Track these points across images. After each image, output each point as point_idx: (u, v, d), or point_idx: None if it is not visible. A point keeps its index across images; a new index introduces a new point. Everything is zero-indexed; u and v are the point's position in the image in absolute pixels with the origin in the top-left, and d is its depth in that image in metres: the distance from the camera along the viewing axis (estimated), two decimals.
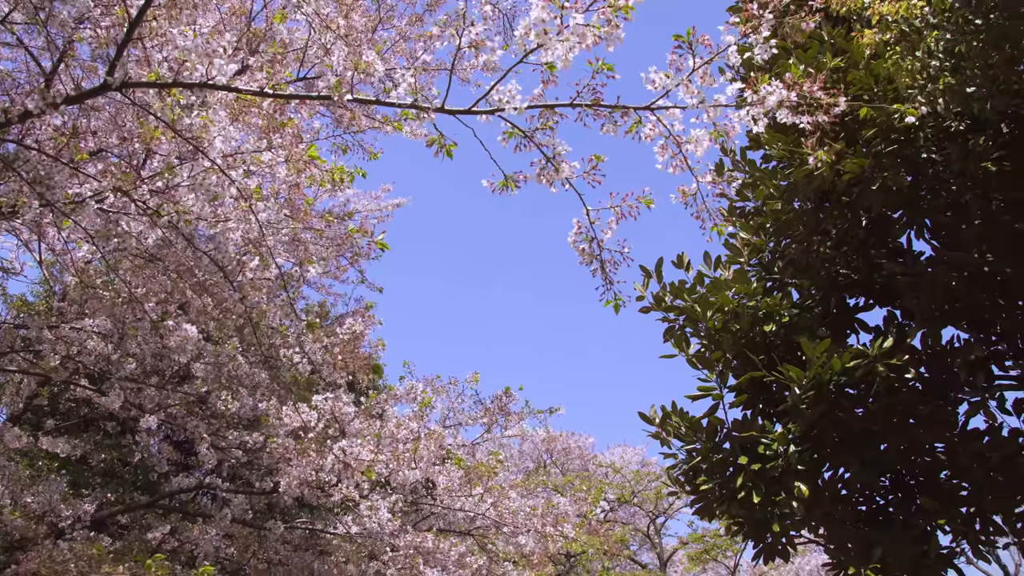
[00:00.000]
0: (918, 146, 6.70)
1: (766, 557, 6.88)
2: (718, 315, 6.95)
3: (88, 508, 9.12)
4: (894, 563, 6.29)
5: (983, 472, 6.52)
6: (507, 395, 13.02)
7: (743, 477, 6.31)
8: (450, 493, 9.83)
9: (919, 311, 6.70)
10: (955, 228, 6.85)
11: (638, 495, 25.01)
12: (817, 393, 6.03)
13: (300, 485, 8.65)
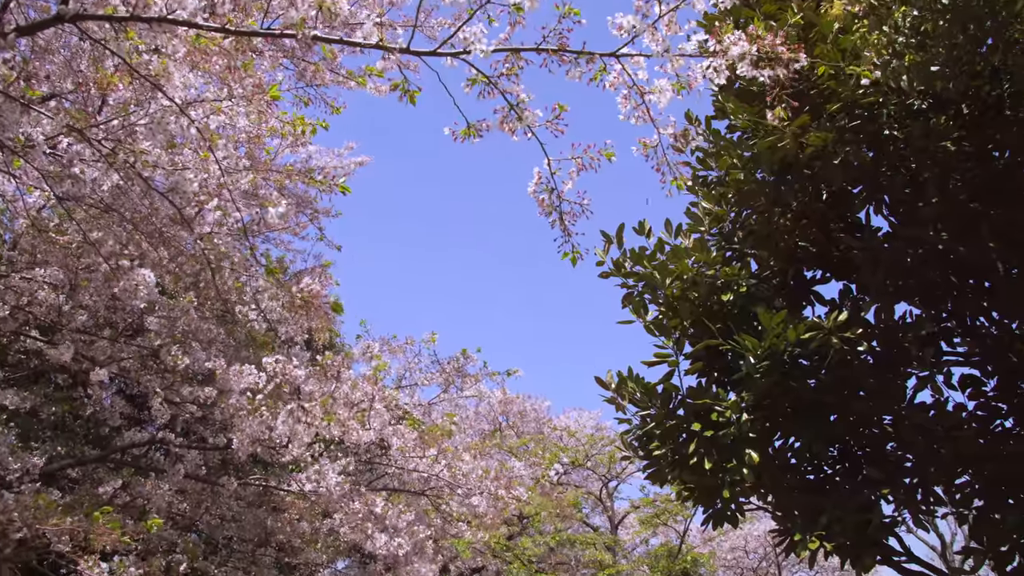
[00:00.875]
0: (880, 123, 6.76)
1: (715, 522, 6.99)
2: (677, 283, 6.99)
3: (37, 461, 8.98)
4: (838, 530, 6.42)
5: (927, 445, 6.66)
6: (464, 356, 13.04)
7: (695, 444, 6.39)
8: (404, 454, 9.81)
9: (874, 286, 6.79)
10: (913, 205, 6.93)
11: (592, 459, 25.23)
12: (771, 363, 6.10)
13: (253, 443, 8.60)
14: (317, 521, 10.95)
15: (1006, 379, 7.31)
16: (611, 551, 24.63)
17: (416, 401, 13.01)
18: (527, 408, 28.10)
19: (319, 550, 12.76)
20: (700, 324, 7.00)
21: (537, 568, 22.32)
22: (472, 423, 26.96)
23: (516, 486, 10.57)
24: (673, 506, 23.75)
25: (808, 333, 6.16)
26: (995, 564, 6.66)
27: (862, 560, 6.59)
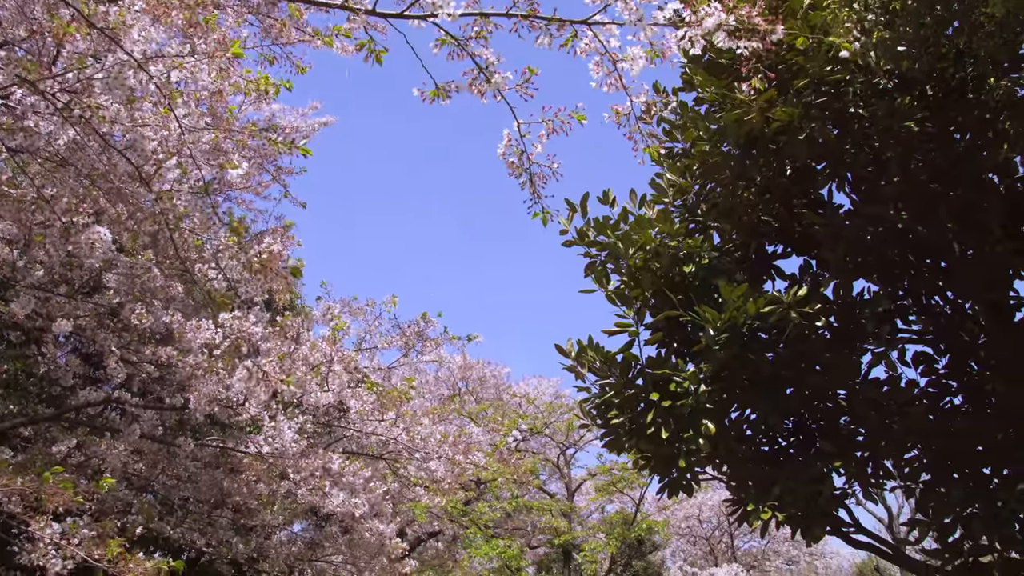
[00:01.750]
0: (846, 100, 6.80)
1: (671, 491, 7.08)
2: (639, 253, 7.01)
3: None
4: (790, 501, 6.54)
5: (879, 420, 6.79)
6: (425, 320, 12.97)
7: (653, 413, 6.44)
8: (363, 417, 9.79)
9: (834, 262, 6.87)
10: (875, 183, 7.00)
11: (550, 426, 25.41)
12: (730, 335, 6.15)
13: (210, 403, 8.52)
14: (274, 483, 10.92)
15: (957, 358, 7.46)
16: (567, 518, 24.90)
17: (376, 364, 12.94)
18: (487, 374, 28.17)
19: (276, 512, 12.74)
20: (661, 295, 7.04)
21: (493, 533, 22.52)
22: (432, 388, 26.99)
23: (474, 451, 10.62)
24: (629, 474, 24.01)
25: (768, 307, 6.22)
26: (938, 536, 6.83)
27: (812, 530, 6.73)
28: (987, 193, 6.76)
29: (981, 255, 6.84)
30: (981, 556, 6.83)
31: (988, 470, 6.89)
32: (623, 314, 6.91)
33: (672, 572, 42.17)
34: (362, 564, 13.50)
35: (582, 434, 25.42)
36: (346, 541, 13.55)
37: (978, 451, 6.83)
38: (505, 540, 21.56)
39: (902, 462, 7.14)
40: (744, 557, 45.57)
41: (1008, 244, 6.84)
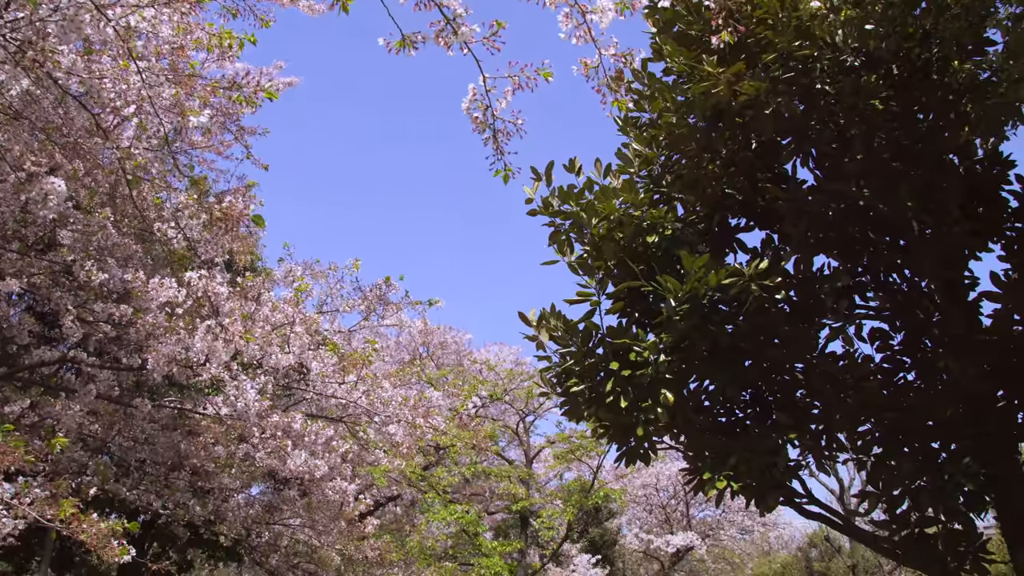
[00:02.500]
0: (813, 76, 6.83)
1: (628, 459, 7.14)
2: (603, 223, 7.01)
3: None
4: (745, 471, 6.63)
5: (834, 393, 6.90)
6: (387, 284, 12.90)
7: (613, 382, 6.48)
8: (323, 379, 9.72)
9: (795, 237, 6.93)
10: (838, 160, 7.06)
11: (510, 393, 25.51)
12: (691, 307, 6.18)
13: (169, 363, 8.42)
14: (232, 446, 10.85)
15: (912, 334, 7.60)
16: (525, 484, 25.09)
17: (337, 327, 12.86)
18: (448, 340, 28.18)
19: (234, 475, 12.69)
20: (624, 265, 7.06)
21: (451, 498, 22.64)
22: (392, 353, 26.94)
23: (434, 416, 10.60)
24: (588, 442, 24.20)
25: (729, 279, 6.26)
26: (887, 507, 6.98)
27: (766, 500, 6.84)
28: (947, 174, 6.85)
29: (939, 234, 6.94)
30: (927, 527, 7.01)
31: (937, 444, 7.05)
32: (585, 283, 6.92)
33: (628, 539, 42.80)
34: (320, 527, 13.51)
35: (541, 402, 25.55)
36: (304, 504, 13.54)
37: (928, 426, 6.97)
38: (463, 505, 21.69)
39: (855, 435, 7.27)
40: (699, 526, 46.35)
41: (965, 224, 6.94)
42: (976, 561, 6.92)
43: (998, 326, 6.93)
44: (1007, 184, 7.31)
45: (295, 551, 14.93)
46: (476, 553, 21.36)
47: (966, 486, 6.36)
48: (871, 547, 7.56)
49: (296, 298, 8.90)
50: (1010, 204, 7.32)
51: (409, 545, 19.33)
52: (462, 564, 21.49)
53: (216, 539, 16.58)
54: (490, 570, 20.16)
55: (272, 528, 13.92)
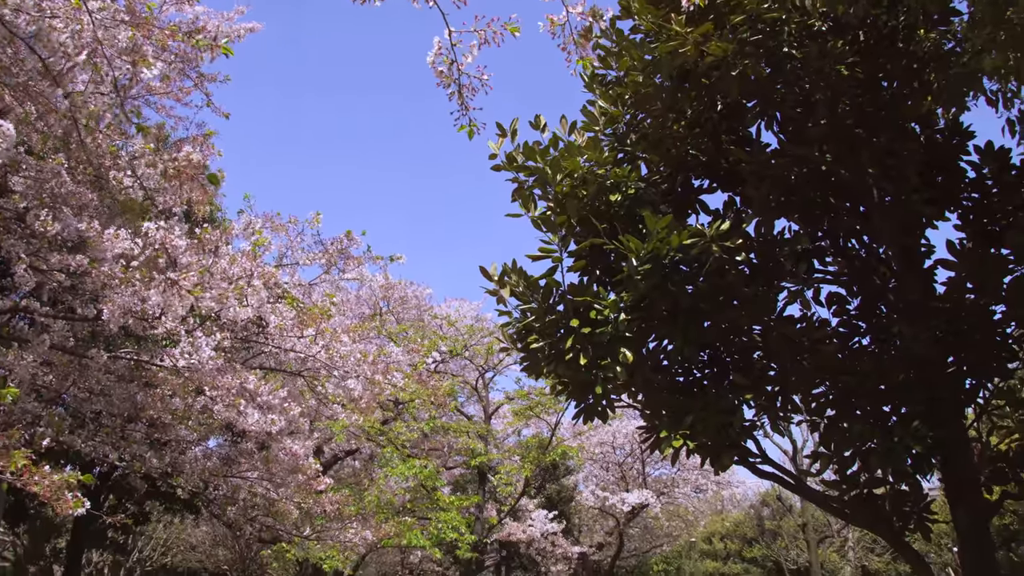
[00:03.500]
0: (781, 39, 6.81)
1: (586, 417, 7.19)
2: (567, 180, 6.98)
3: None
4: (701, 430, 6.71)
5: (791, 356, 6.99)
6: (348, 238, 12.80)
7: (573, 339, 6.50)
8: (282, 333, 9.62)
9: (757, 199, 6.96)
10: (802, 124, 7.08)
11: (470, 349, 25.56)
12: (652, 266, 6.20)
13: (124, 315, 8.29)
14: (190, 398, 10.76)
15: (868, 300, 7.71)
16: (484, 440, 25.26)
17: (296, 281, 12.75)
18: (408, 295, 28.08)
19: (191, 427, 12.61)
20: (586, 222, 7.05)
21: (410, 453, 22.73)
22: (353, 307, 26.80)
23: (393, 371, 10.57)
24: (546, 399, 24.38)
25: (690, 240, 6.28)
26: (838, 468, 7.13)
27: (721, 459, 6.94)
28: (908, 142, 6.91)
29: (898, 202, 7.01)
30: (875, 488, 7.18)
31: (888, 408, 7.19)
32: (548, 240, 6.91)
33: (584, 496, 43.41)
34: (278, 480, 13.51)
35: (501, 358, 25.65)
36: (262, 457, 13.53)
37: (880, 390, 7.10)
38: (422, 460, 21.79)
39: (809, 397, 7.39)
40: (654, 484, 47.11)
41: (924, 193, 7.02)
42: (920, 520, 7.12)
43: (951, 294, 7.05)
44: (965, 154, 7.40)
45: (253, 504, 14.93)
46: (434, 507, 21.53)
47: (914, 448, 6.50)
48: (821, 506, 7.73)
49: (254, 252, 8.76)
50: (968, 174, 7.42)
51: (367, 499, 19.42)
52: (420, 518, 21.64)
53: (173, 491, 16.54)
54: (448, 524, 20.35)
55: (230, 481, 13.89)
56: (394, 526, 18.88)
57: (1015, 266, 6.71)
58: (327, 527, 16.43)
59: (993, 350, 7.05)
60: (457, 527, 20.55)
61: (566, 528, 42.41)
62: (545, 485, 39.85)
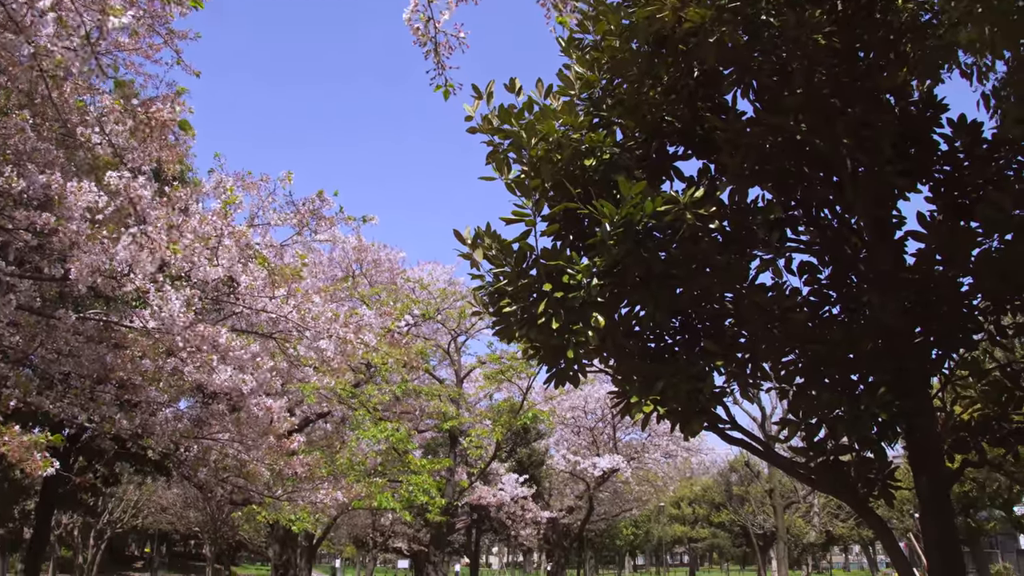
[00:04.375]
0: (759, 7, 6.78)
1: (558, 381, 7.22)
2: (542, 144, 6.95)
3: None
4: (672, 396, 6.77)
5: (762, 323, 7.04)
6: (320, 198, 12.65)
7: (545, 304, 6.50)
8: (253, 293, 9.51)
9: (732, 167, 6.97)
10: (778, 93, 7.08)
11: (442, 312, 25.57)
12: (626, 232, 6.20)
13: (92, 273, 8.18)
14: (160, 359, 10.69)
15: (839, 270, 7.78)
16: (455, 403, 25.36)
17: (268, 241, 12.61)
18: (381, 257, 28.00)
19: (161, 388, 12.53)
20: (561, 187, 7.03)
21: (381, 416, 22.79)
22: (325, 269, 26.69)
23: (365, 332, 10.50)
24: (518, 363, 24.48)
25: (664, 206, 6.28)
26: (805, 435, 7.23)
27: (691, 425, 7.01)
28: (883, 113, 6.93)
29: (871, 173, 7.05)
30: (841, 455, 7.30)
31: (856, 377, 7.29)
32: (521, 204, 6.88)
33: (555, 460, 43.86)
34: (249, 442, 13.49)
35: (473, 322, 25.70)
36: (233, 419, 13.49)
37: (849, 359, 7.19)
38: (393, 423, 21.86)
39: (779, 365, 7.47)
40: (625, 449, 47.68)
41: (897, 164, 7.06)
42: (884, 487, 7.25)
43: (921, 265, 7.13)
44: (939, 127, 7.45)
45: (224, 465, 14.91)
46: (405, 470, 21.64)
47: (880, 417, 6.60)
48: (788, 472, 7.84)
49: (225, 210, 8.63)
50: (940, 147, 7.47)
51: (338, 461, 19.48)
52: (391, 481, 21.75)
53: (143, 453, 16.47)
54: (419, 487, 20.47)
55: (201, 442, 13.85)
56: (365, 488, 18.97)
57: (983, 239, 6.78)
58: (298, 489, 16.47)
59: (960, 321, 7.15)
60: (428, 490, 20.67)
61: (536, 492, 42.87)
62: (516, 449, 40.21)
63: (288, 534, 29.75)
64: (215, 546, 60.53)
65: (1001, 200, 6.53)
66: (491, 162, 7.11)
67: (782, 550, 40.06)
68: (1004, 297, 6.96)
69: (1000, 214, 6.55)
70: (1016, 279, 6.49)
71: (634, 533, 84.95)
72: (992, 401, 7.64)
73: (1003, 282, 6.59)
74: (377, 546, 59.14)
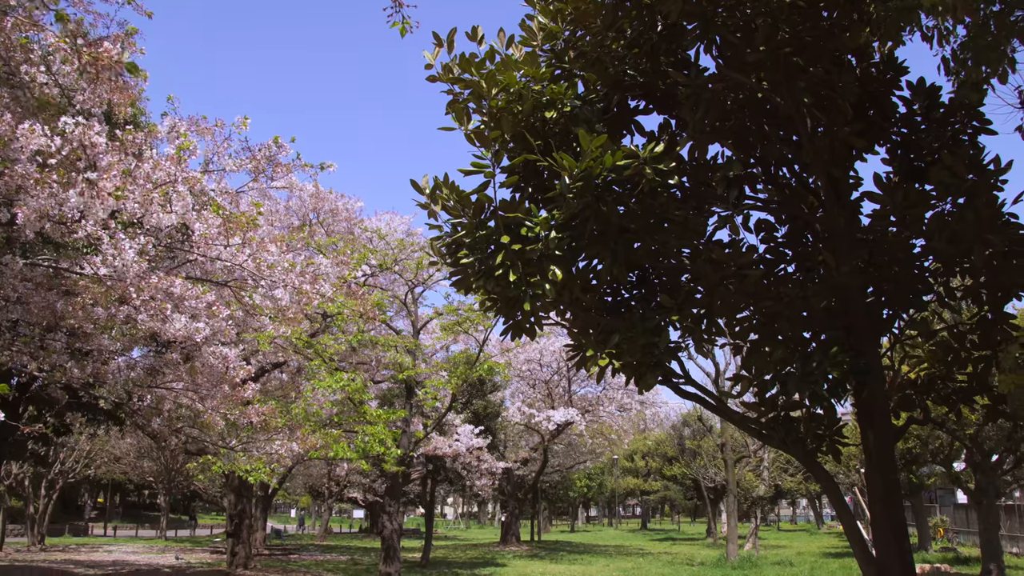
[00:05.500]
0: None
1: (514, 333, 7.23)
2: (503, 94, 6.87)
3: None
4: (627, 350, 6.82)
5: (718, 279, 7.10)
6: (277, 145, 12.41)
7: (503, 255, 6.47)
8: (207, 241, 9.34)
9: (693, 123, 6.95)
10: (741, 50, 7.04)
11: (400, 263, 25.43)
12: (585, 185, 6.17)
13: (41, 219, 7.98)
14: (112, 307, 10.51)
15: (795, 228, 7.85)
16: (412, 354, 25.36)
17: (223, 188, 12.34)
18: (339, 207, 27.74)
19: (114, 337, 12.35)
20: (521, 139, 6.97)
21: (338, 366, 22.72)
22: (282, 218, 26.38)
23: (321, 282, 10.39)
24: (475, 315, 24.48)
25: (624, 160, 6.25)
26: (758, 390, 7.34)
27: (645, 379, 7.07)
28: (844, 73, 6.94)
29: (830, 132, 7.08)
30: (792, 411, 7.43)
31: (808, 334, 7.40)
32: (481, 155, 6.82)
33: (511, 412, 44.25)
34: (204, 391, 13.39)
35: (431, 273, 25.61)
36: (187, 368, 13.36)
37: (802, 316, 7.28)
38: (349, 373, 21.80)
39: (734, 321, 7.55)
40: (580, 402, 48.27)
41: (856, 125, 7.11)
42: (832, 443, 7.42)
43: (875, 226, 7.21)
44: (898, 89, 7.50)
45: (178, 415, 14.81)
46: (361, 420, 21.65)
47: (831, 374, 6.71)
48: (740, 427, 7.97)
49: (179, 155, 8.43)
50: (899, 109, 7.53)
51: (294, 411, 19.42)
52: (347, 431, 21.76)
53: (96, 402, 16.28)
54: (375, 437, 20.50)
55: (154, 392, 13.72)
56: (321, 438, 18.96)
57: (936, 202, 6.87)
58: (253, 439, 16.42)
59: (910, 283, 7.27)
60: (384, 440, 20.72)
61: (492, 443, 43.27)
62: (472, 401, 40.43)
63: (243, 484, 29.76)
64: (169, 496, 60.38)
65: (955, 164, 6.61)
66: (451, 112, 7.01)
67: (732, 503, 40.97)
68: (954, 260, 7.08)
69: (953, 178, 6.63)
70: (966, 242, 6.60)
71: (587, 485, 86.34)
72: (938, 361, 7.81)
73: (953, 245, 6.70)
74: (333, 496, 59.44)
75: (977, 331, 7.57)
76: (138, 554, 38.23)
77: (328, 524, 67.71)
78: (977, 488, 27.99)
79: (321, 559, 39.19)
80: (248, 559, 31.13)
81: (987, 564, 27.08)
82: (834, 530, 77.95)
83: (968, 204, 6.66)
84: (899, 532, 7.10)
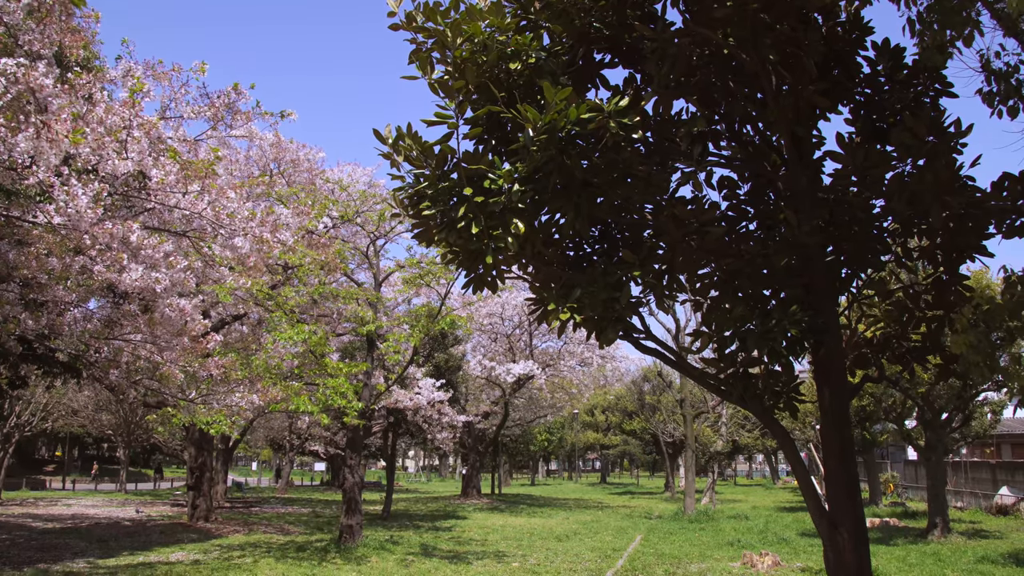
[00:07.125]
0: None
1: (476, 286, 7.21)
2: (467, 44, 6.76)
3: None
4: (589, 304, 6.83)
5: (680, 236, 7.11)
6: (236, 92, 12.15)
7: (465, 208, 6.42)
8: (165, 188, 9.12)
9: (658, 78, 6.90)
10: (708, 5, 6.98)
11: (361, 215, 25.19)
12: (549, 138, 6.12)
13: None
14: (67, 257, 10.31)
15: (758, 186, 7.88)
16: (373, 307, 25.27)
17: (181, 135, 12.05)
18: (300, 157, 27.36)
19: (69, 287, 12.13)
20: (485, 90, 6.89)
21: (299, 318, 22.57)
22: (242, 168, 25.97)
23: (282, 231, 10.22)
24: (437, 268, 24.39)
25: (588, 114, 6.20)
26: (717, 347, 7.41)
27: (606, 334, 7.10)
28: (810, 31, 6.91)
29: (795, 91, 7.07)
30: (751, 367, 7.52)
31: (768, 292, 7.47)
32: (444, 105, 6.72)
33: (472, 366, 44.45)
34: (162, 343, 13.23)
35: (393, 225, 25.42)
36: (145, 320, 13.17)
37: (763, 274, 7.34)
38: (311, 326, 21.68)
39: (695, 277, 7.60)
40: (541, 356, 48.58)
41: (821, 84, 7.11)
42: (789, 400, 7.53)
43: (836, 186, 7.26)
44: (863, 50, 7.50)
45: (136, 367, 14.62)
46: (322, 373, 21.58)
47: (790, 332, 6.78)
48: (699, 383, 8.04)
49: (133, 99, 8.18)
50: (863, 69, 7.54)
51: (255, 364, 19.29)
52: (308, 384, 21.69)
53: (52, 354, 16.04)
54: (336, 390, 20.47)
55: (111, 343, 13.53)
56: (282, 391, 18.89)
57: (897, 163, 6.92)
58: (213, 391, 16.32)
59: (869, 242, 7.35)
60: (345, 393, 20.70)
61: (453, 397, 43.48)
62: (433, 354, 40.49)
63: (204, 437, 29.65)
64: (129, 449, 60.01)
65: (916, 126, 6.65)
66: (414, 61, 6.89)
67: (690, 458, 41.68)
68: (912, 221, 7.16)
69: (914, 140, 6.68)
70: (924, 203, 6.67)
71: (548, 439, 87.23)
72: (894, 320, 7.94)
73: (911, 206, 6.77)
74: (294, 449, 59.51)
75: (932, 291, 7.69)
76: (98, 507, 38.08)
77: (290, 477, 67.86)
78: (927, 445, 28.74)
79: (283, 511, 39.34)
80: (209, 512, 31.15)
81: (933, 517, 27.92)
82: (789, 485, 79.77)
83: (928, 166, 6.71)
84: (851, 487, 7.26)
